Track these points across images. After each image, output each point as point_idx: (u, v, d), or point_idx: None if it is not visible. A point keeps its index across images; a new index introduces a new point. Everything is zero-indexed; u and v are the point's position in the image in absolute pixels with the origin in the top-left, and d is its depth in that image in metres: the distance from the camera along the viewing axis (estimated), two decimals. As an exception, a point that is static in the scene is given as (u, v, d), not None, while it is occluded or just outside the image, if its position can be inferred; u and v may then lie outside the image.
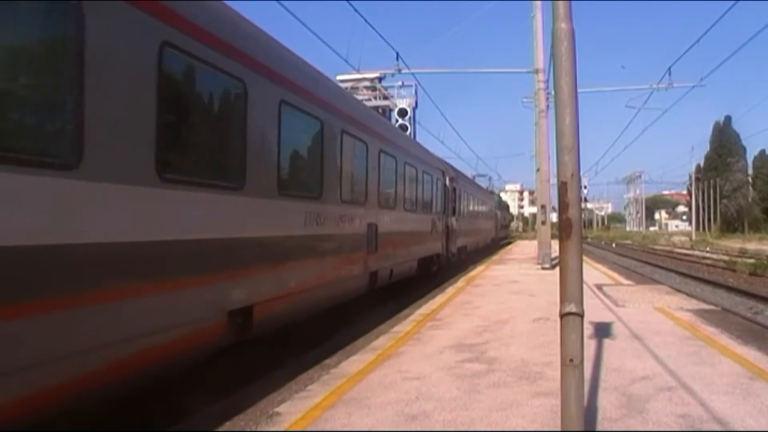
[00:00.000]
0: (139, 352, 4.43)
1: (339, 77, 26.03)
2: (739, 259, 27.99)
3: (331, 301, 8.69)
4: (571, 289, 3.73)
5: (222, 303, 5.53)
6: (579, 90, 3.99)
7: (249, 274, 6.03)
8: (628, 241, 65.32)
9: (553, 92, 4.43)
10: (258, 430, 4.73)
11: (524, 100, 23.51)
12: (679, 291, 14.26)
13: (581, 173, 4.03)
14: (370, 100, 39.92)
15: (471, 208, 26.61)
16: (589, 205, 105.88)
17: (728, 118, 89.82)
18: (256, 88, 6.21)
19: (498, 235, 43.70)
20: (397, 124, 34.68)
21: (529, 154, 41.82)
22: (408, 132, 38.06)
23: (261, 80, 6.37)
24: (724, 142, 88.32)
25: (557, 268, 4.00)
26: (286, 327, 7.30)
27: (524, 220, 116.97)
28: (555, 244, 6.77)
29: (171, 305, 4.79)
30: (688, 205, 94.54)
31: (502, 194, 68.34)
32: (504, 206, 56.14)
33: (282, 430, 4.59)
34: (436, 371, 6.19)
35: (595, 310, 9.50)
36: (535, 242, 25.71)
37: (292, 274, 7.14)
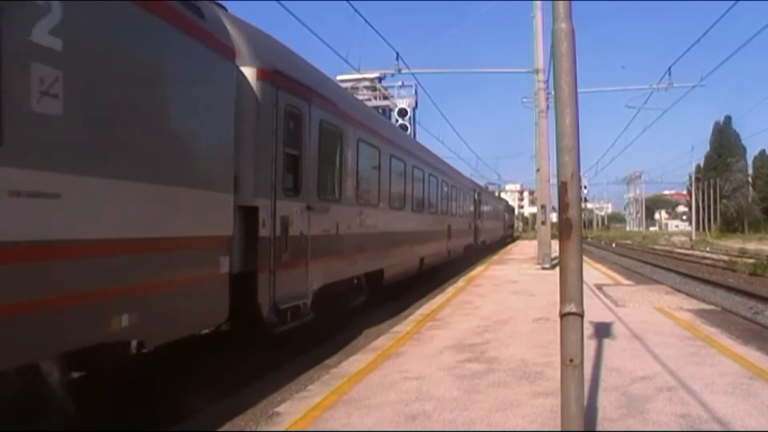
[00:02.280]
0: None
1: (339, 77, 26.02)
2: (739, 259, 27.97)
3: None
4: (571, 289, 3.73)
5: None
6: (579, 90, 3.98)
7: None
8: (628, 241, 65.30)
9: (553, 92, 4.43)
10: (258, 430, 4.73)
11: (524, 100, 23.54)
12: (679, 291, 14.26)
13: (581, 173, 4.03)
14: (370, 100, 39.94)
15: (488, 212, 34.85)
16: (589, 205, 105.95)
17: (728, 118, 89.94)
18: (349, 133, 9.77)
19: (505, 233, 53.65)
20: (397, 124, 34.68)
21: (529, 154, 41.91)
22: (408, 132, 38.08)
23: (352, 128, 9.91)
24: (724, 142, 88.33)
25: (557, 268, 4.00)
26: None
27: (524, 220, 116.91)
28: (555, 244, 6.77)
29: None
30: (688, 205, 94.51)
31: (502, 194, 70.19)
32: (510, 209, 65.86)
33: (282, 430, 4.59)
34: (436, 371, 6.19)
35: (595, 310, 9.50)
36: (534, 242, 25.73)
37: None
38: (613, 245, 55.83)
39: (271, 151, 6.82)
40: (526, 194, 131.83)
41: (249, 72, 6.55)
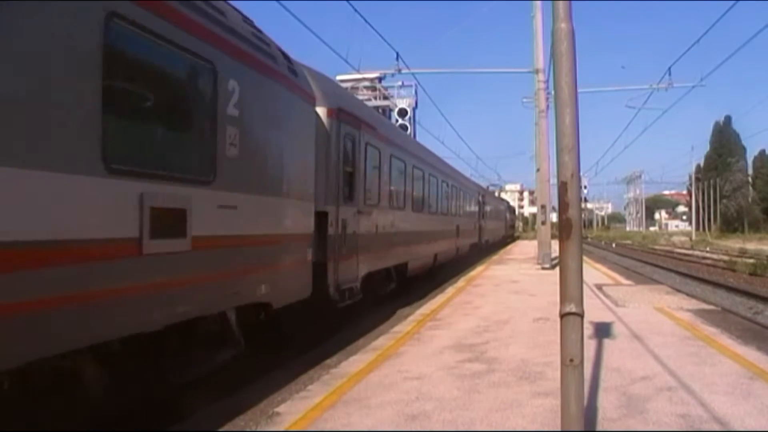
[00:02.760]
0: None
1: (339, 77, 26.03)
2: (739, 259, 27.97)
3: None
4: (571, 289, 3.73)
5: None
6: (579, 90, 3.99)
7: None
8: (628, 241, 65.30)
9: (553, 92, 4.43)
10: (258, 430, 4.73)
11: (524, 100, 23.47)
12: (679, 291, 14.26)
13: (581, 173, 4.02)
14: (370, 100, 39.95)
15: (491, 213, 37.22)
16: (589, 205, 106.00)
17: (728, 118, 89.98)
18: (385, 151, 11.94)
19: (507, 232, 55.51)
20: (397, 124, 34.71)
21: (529, 154, 41.96)
22: (408, 132, 38.09)
23: (386, 146, 12.06)
24: (724, 142, 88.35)
25: (557, 268, 4.00)
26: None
27: (524, 220, 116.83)
28: (555, 244, 6.77)
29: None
30: (688, 205, 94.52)
31: (502, 194, 70.89)
32: (511, 210, 67.96)
33: (282, 430, 4.60)
34: (436, 371, 6.19)
35: (595, 310, 9.50)
36: (534, 242, 25.73)
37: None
38: (613, 245, 55.83)
39: (336, 168, 8.88)
40: (526, 194, 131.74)
41: (322, 111, 8.57)
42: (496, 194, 57.19)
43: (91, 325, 4.00)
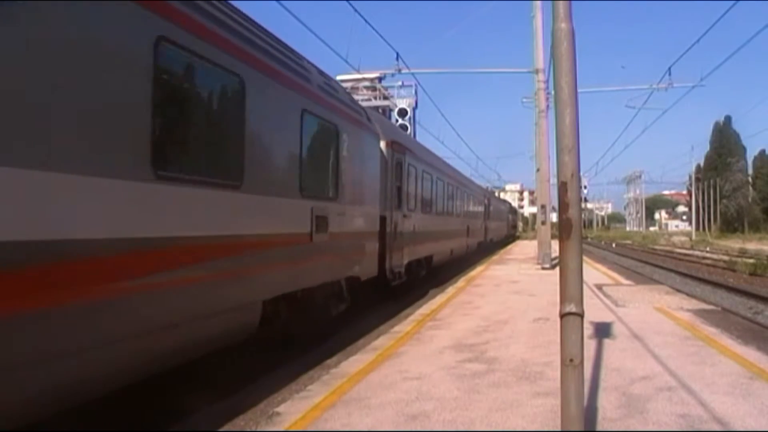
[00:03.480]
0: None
1: (339, 77, 25.99)
2: (739, 259, 27.96)
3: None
4: (571, 289, 3.73)
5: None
6: (579, 90, 3.98)
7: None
8: (628, 241, 65.30)
9: (553, 92, 4.43)
10: (258, 430, 4.73)
11: (524, 100, 23.51)
12: (679, 291, 14.25)
13: (581, 173, 4.02)
14: (370, 100, 39.94)
15: (495, 215, 41.79)
16: (589, 205, 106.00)
17: (728, 118, 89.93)
18: (420, 168, 15.35)
19: (509, 232, 60.58)
20: (397, 124, 34.70)
21: (529, 154, 41.83)
22: (408, 132, 38.08)
23: (420, 164, 15.45)
24: (724, 142, 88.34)
25: (557, 268, 4.00)
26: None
27: (524, 220, 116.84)
28: (555, 244, 6.78)
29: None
30: (688, 205, 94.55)
31: (502, 194, 71.70)
32: (513, 211, 73.90)
33: (282, 430, 4.59)
34: (436, 371, 6.19)
35: (595, 310, 9.51)
36: (534, 242, 25.74)
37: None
38: (613, 245, 55.83)
39: (391, 184, 12.31)
40: (526, 194, 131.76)
41: (383, 144, 11.81)
42: (497, 194, 58.22)
43: (292, 281, 7.09)
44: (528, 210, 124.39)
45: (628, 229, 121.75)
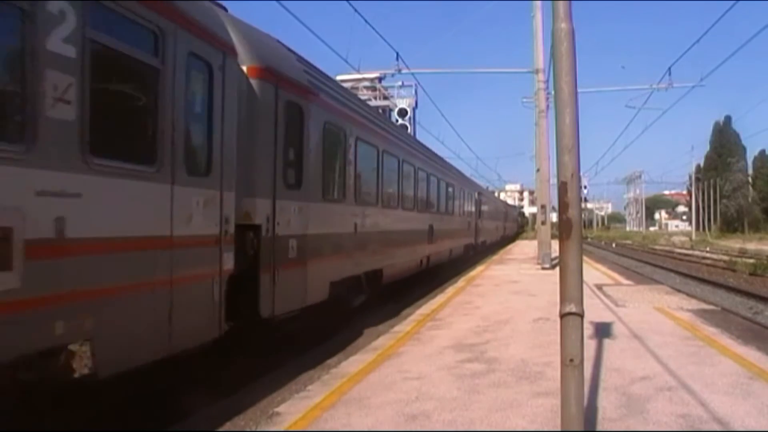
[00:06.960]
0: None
1: (339, 77, 26.00)
2: (739, 259, 27.97)
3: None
4: (571, 289, 3.74)
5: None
6: (579, 90, 3.99)
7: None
8: (628, 241, 65.29)
9: (553, 92, 4.43)
10: (258, 430, 4.73)
11: (524, 100, 23.49)
12: (679, 291, 14.26)
13: (581, 173, 4.03)
14: (370, 100, 39.93)
15: (508, 217, 50.59)
16: (589, 205, 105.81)
17: (728, 118, 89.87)
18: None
19: (516, 231, 68.04)
20: (397, 124, 34.70)
21: (529, 154, 41.89)
22: (408, 132, 38.07)
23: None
24: (724, 142, 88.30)
25: (557, 268, 4.00)
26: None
27: (524, 219, 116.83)
28: (555, 244, 6.78)
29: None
30: (688, 205, 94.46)
31: (502, 194, 73.32)
32: (521, 214, 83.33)
33: (282, 430, 4.60)
34: (436, 371, 6.19)
35: (595, 310, 9.50)
36: (535, 242, 25.74)
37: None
38: (613, 245, 55.83)
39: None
40: (526, 194, 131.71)
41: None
42: (497, 195, 59.71)
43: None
44: (528, 210, 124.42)
45: (628, 229, 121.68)
